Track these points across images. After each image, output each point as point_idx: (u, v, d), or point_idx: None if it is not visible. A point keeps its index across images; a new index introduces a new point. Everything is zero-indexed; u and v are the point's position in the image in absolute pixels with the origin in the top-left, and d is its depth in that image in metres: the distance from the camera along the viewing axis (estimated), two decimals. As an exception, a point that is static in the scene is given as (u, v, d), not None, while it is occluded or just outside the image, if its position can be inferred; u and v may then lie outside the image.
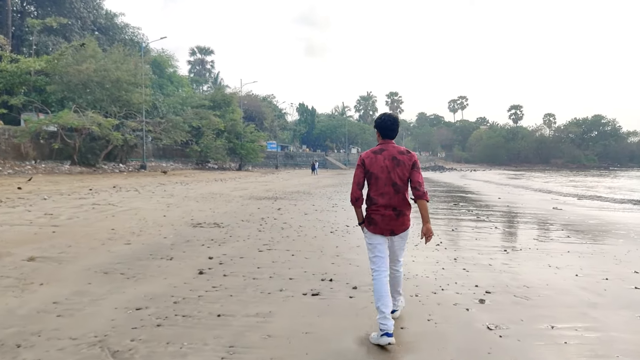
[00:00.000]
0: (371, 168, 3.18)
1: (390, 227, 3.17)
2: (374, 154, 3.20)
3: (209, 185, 19.30)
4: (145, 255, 5.47)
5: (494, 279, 4.66)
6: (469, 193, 18.94)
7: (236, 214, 9.81)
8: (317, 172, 42.56)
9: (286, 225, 8.30)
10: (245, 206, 11.41)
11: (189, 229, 7.51)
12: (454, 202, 13.94)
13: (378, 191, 3.16)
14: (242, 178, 28.17)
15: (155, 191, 15.12)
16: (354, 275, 4.69)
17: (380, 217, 3.16)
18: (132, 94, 27.65)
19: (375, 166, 3.16)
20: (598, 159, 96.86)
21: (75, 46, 26.79)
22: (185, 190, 15.84)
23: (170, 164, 39.52)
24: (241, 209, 10.68)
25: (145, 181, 20.31)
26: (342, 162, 75.09)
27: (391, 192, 3.14)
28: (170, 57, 52.88)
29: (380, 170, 3.15)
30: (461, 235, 7.53)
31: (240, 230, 7.50)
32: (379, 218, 3.16)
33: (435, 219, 9.58)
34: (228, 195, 14.67)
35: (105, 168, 27.99)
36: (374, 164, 3.17)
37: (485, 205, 13.21)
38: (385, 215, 3.15)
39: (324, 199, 14.44)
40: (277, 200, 13.52)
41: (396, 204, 3.15)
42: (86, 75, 25.32)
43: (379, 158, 3.17)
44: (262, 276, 4.58)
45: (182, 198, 12.98)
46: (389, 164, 3.14)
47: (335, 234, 7.41)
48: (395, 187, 3.14)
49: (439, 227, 8.38)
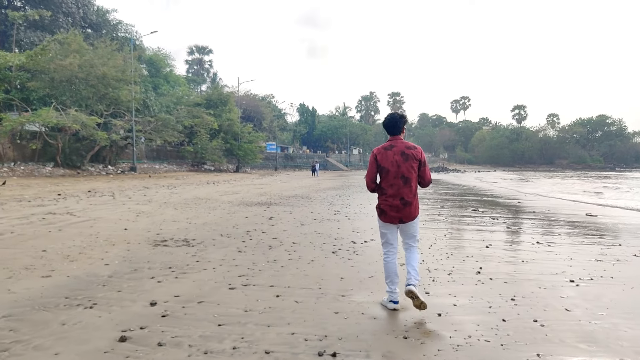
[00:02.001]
0: (382, 162, 3.48)
1: (399, 216, 3.47)
2: (384, 150, 3.50)
3: (197, 189, 17.53)
4: (57, 298, 3.69)
5: (588, 337, 2.88)
6: (490, 196, 17.14)
7: (217, 225, 8.03)
8: (317, 174, 40.76)
9: (276, 241, 6.52)
10: (231, 215, 9.64)
11: (147, 250, 5.74)
12: (472, 208, 12.14)
13: (388, 182, 3.48)
14: (237, 180, 26.39)
15: (133, 196, 13.35)
16: (371, 339, 2.91)
17: (388, 207, 3.47)
18: (120, 91, 25.89)
19: (386, 161, 3.47)
20: (603, 160, 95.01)
21: (60, 40, 25.05)
22: (168, 195, 14.07)
23: (164, 165, 37.76)
24: (225, 219, 8.91)
25: (128, 184, 18.54)
26: (343, 164, 73.31)
27: (400, 183, 3.45)
28: (167, 56, 51.26)
29: (390, 164, 3.45)
30: (502, 255, 5.74)
31: (214, 251, 5.72)
32: (387, 208, 3.48)
33: (462, 230, 7.80)
34: (215, 200, 12.90)
35: (91, 170, 26.24)
36: (385, 159, 3.48)
37: (516, 211, 11.42)
38: (393, 205, 3.46)
39: (325, 204, 12.67)
40: (270, 206, 11.76)
41: (403, 194, 3.44)
42: (70, 71, 23.58)
43: (389, 153, 3.48)
44: (222, 346, 2.80)
45: (159, 205, 11.22)
46: (399, 159, 3.45)
47: (338, 256, 5.63)
48: (403, 179, 3.45)
49: (469, 243, 6.61)
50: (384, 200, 3.51)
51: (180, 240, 6.42)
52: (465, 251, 6.09)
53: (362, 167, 77.46)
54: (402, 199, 3.43)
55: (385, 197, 3.49)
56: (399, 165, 3.44)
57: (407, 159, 3.45)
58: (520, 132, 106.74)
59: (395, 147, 3.49)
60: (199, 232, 7.23)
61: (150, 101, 32.07)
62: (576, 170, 78.28)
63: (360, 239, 6.89)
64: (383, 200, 3.52)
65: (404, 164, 3.44)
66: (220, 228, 7.69)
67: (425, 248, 6.17)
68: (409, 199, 3.45)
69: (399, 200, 3.44)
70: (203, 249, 5.88)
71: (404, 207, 3.44)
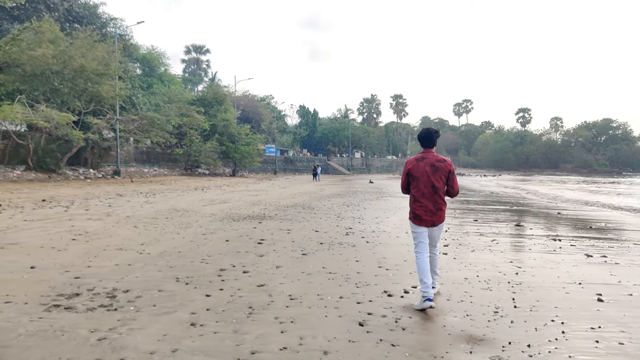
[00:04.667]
0: (414, 172, 3.89)
1: (432, 220, 3.85)
2: (416, 161, 3.91)
3: (180, 197, 14.97)
4: None
5: None
6: (521, 205, 14.59)
7: (179, 257, 5.49)
8: (319, 179, 38.20)
9: (262, 295, 3.99)
10: (207, 237, 7.09)
11: (26, 320, 3.19)
12: (514, 223, 9.57)
13: (420, 191, 3.86)
14: (231, 186, 23.83)
15: (94, 207, 10.81)
16: None
17: (423, 212, 3.84)
18: (101, 87, 23.34)
19: (417, 170, 3.87)
20: (609, 164, 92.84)
21: (34, 28, 22.53)
22: (139, 206, 11.51)
23: (154, 169, 35.18)
24: (195, 245, 6.37)
25: (100, 191, 15.98)
26: (345, 167, 70.74)
27: (430, 192, 3.83)
28: (161, 54, 48.78)
29: (421, 174, 3.85)
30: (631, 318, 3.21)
31: (148, 323, 3.18)
32: (422, 212, 3.84)
33: (529, 261, 5.25)
34: (195, 213, 10.36)
35: (68, 174, 23.64)
36: (417, 168, 3.88)
37: (574, 227, 8.86)
38: (428, 209, 3.82)
39: (331, 217, 10.14)
40: (263, 221, 9.22)
41: (435, 201, 3.82)
42: (43, 63, 21.06)
43: (421, 164, 3.86)
44: None
45: (118, 220, 8.66)
46: (429, 170, 3.83)
47: (371, 333, 3.10)
48: (433, 188, 3.82)
49: (565, 293, 4.06)
50: (418, 206, 3.86)
51: (102, 294, 3.87)
52: (573, 314, 3.55)
53: (365, 171, 74.85)
54: (435, 205, 3.82)
55: (419, 204, 3.85)
56: (429, 175, 3.82)
57: (436, 171, 3.82)
58: (525, 136, 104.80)
59: (427, 159, 3.86)
60: (144, 272, 4.68)
61: (138, 99, 29.50)
62: (582, 174, 75.82)
63: (396, 285, 4.37)
64: (417, 206, 3.87)
65: (434, 175, 3.82)
66: (182, 263, 5.14)
67: (504, 299, 3.62)
68: (440, 205, 3.84)
69: (432, 205, 3.82)
70: (131, 317, 3.33)
71: (437, 211, 3.84)
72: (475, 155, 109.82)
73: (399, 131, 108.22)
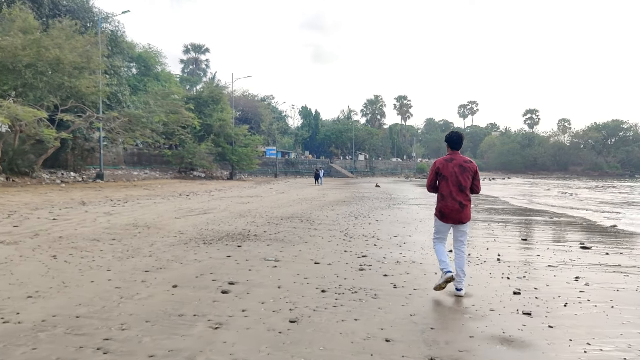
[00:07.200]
0: (443, 172, 4.19)
1: (458, 218, 4.14)
2: (445, 162, 4.21)
3: (155, 206, 12.56)
4: None
5: None
6: (573, 224, 12.11)
7: (53, 339, 3.07)
8: (321, 182, 35.74)
9: None
10: (152, 274, 4.65)
11: None
12: (580, 244, 7.10)
13: (447, 189, 4.14)
14: (222, 191, 21.40)
15: (30, 222, 8.41)
16: None
17: (449, 210, 4.13)
18: (79, 81, 20.99)
19: (446, 170, 4.17)
20: (620, 167, 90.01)
21: (3, 15, 20.26)
22: (93, 219, 9.09)
23: (144, 172, 32.84)
24: (120, 295, 3.94)
25: (63, 199, 13.59)
26: (348, 170, 68.24)
27: (457, 190, 4.12)
28: (158, 53, 46.56)
29: (450, 174, 4.15)
30: None
31: None
32: (448, 211, 4.14)
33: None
34: (159, 230, 7.92)
35: (44, 178, 21.32)
36: (446, 168, 4.18)
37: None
38: (454, 208, 4.11)
39: (337, 236, 7.70)
40: (244, 242, 6.80)
41: (461, 199, 4.11)
42: (11, 54, 18.76)
43: (449, 165, 4.18)
44: None
45: (45, 242, 6.25)
46: (457, 170, 4.14)
47: None
48: (459, 187, 4.12)
49: None
50: (444, 204, 4.16)
51: None
52: None
53: (369, 174, 72.29)
54: (460, 203, 4.10)
55: (446, 202, 4.14)
56: (457, 175, 4.13)
57: (464, 171, 4.14)
58: (533, 138, 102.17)
59: (455, 160, 4.19)
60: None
61: (125, 96, 27.16)
62: (593, 177, 73.08)
63: None
64: (444, 205, 4.16)
65: (461, 175, 4.13)
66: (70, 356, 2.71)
67: None
68: (465, 203, 4.13)
69: (458, 204, 4.10)
70: None
71: (462, 209, 4.12)
72: (481, 157, 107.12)
73: (403, 133, 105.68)
